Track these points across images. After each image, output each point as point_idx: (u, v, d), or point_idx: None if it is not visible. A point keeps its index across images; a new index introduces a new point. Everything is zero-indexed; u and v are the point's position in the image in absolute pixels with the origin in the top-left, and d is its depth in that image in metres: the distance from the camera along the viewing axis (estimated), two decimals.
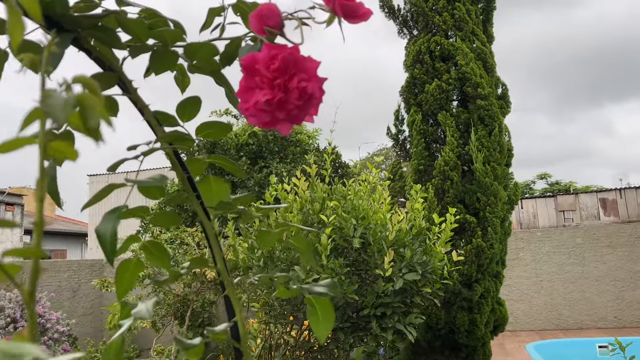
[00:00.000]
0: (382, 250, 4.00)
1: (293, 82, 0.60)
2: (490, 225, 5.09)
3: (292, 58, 0.61)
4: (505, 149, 5.44)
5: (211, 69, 0.85)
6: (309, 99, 0.61)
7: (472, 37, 5.74)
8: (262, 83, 0.62)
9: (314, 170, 4.40)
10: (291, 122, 0.63)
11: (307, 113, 0.63)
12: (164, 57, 0.86)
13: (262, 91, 0.62)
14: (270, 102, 0.60)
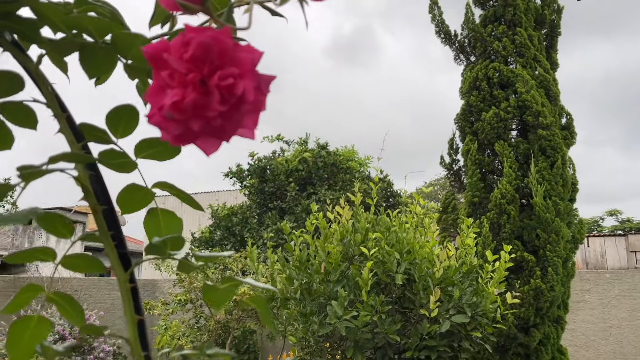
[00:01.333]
0: (428, 288, 3.69)
1: (214, 78, 0.40)
2: (551, 265, 4.64)
3: (214, 44, 0.40)
4: (569, 183, 5.00)
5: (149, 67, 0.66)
6: (237, 104, 0.40)
7: (533, 63, 5.38)
8: (172, 80, 0.41)
9: (359, 199, 4.16)
10: (215, 136, 0.42)
11: (238, 124, 0.42)
12: (93, 55, 0.68)
13: (172, 91, 0.41)
14: (179, 105, 0.39)
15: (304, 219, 6.88)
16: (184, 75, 0.40)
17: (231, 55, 0.40)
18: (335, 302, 3.60)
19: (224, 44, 0.40)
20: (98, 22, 0.62)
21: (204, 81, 0.40)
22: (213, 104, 0.39)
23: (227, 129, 0.41)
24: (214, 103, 0.39)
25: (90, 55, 0.68)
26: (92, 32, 0.64)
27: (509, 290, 4.15)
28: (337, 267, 3.81)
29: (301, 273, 3.97)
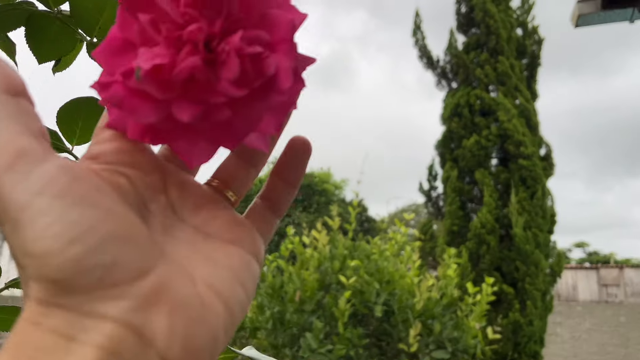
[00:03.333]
0: (407, 321, 3.51)
1: (232, 38, 0.21)
2: (530, 298, 4.55)
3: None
4: (548, 215, 4.95)
5: None
6: (263, 90, 0.22)
7: (515, 92, 5.37)
8: (155, 31, 0.22)
9: (337, 224, 3.99)
10: (210, 137, 0.24)
11: (253, 124, 0.23)
12: (45, 29, 0.49)
13: (152, 50, 0.22)
14: (164, 73, 0.21)
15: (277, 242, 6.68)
16: (179, 27, 0.22)
17: (261, 10, 0.23)
18: (310, 334, 3.39)
19: None
20: None
21: (210, 45, 0.22)
22: (223, 82, 0.21)
23: (234, 128, 0.23)
24: (225, 81, 0.21)
25: (41, 30, 0.49)
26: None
27: (488, 325, 4.02)
28: (313, 296, 3.61)
29: (274, 301, 3.75)
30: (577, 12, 2.56)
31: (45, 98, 0.54)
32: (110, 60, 0.23)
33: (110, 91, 0.22)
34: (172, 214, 0.25)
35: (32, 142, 0.21)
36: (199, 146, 0.24)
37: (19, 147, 0.20)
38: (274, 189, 0.29)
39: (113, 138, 0.24)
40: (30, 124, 0.21)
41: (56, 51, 0.51)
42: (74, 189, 0.20)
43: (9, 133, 0.20)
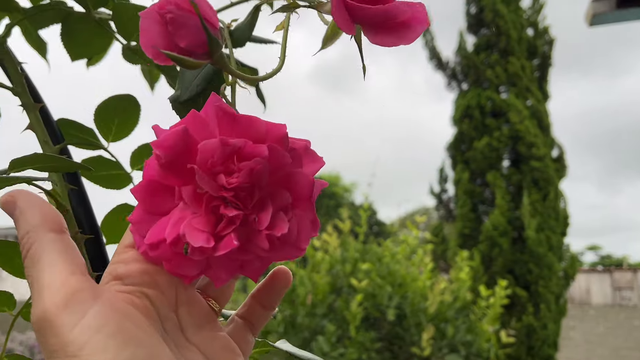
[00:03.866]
0: (420, 324, 3.49)
1: (264, 216, 0.26)
2: (544, 301, 4.51)
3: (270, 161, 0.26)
4: (561, 216, 4.91)
5: None
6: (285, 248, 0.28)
7: (526, 93, 5.34)
8: (199, 203, 0.26)
9: (348, 227, 3.98)
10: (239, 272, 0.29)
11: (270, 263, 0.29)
12: (81, 29, 0.49)
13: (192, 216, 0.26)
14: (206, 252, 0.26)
15: None
16: (217, 199, 0.26)
17: (286, 174, 0.27)
18: (322, 338, 3.38)
19: (280, 159, 0.26)
20: None
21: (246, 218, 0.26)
22: (255, 248, 0.27)
23: (261, 270, 0.29)
24: (256, 248, 0.27)
25: (77, 29, 0.49)
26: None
27: (502, 328, 3.99)
28: (325, 300, 3.60)
29: (285, 304, 3.75)
30: (592, 11, 2.54)
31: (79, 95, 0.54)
32: (148, 199, 0.26)
33: (159, 251, 0.26)
34: (180, 333, 0.28)
35: (83, 281, 0.24)
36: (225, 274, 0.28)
37: (73, 286, 0.23)
38: (253, 313, 0.33)
39: (137, 259, 0.27)
40: (77, 260, 0.25)
41: (90, 51, 0.51)
42: (124, 328, 0.23)
43: (61, 272, 0.24)
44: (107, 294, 0.25)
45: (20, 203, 0.26)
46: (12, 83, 0.45)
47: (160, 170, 0.26)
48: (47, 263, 0.24)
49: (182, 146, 0.25)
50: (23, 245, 0.25)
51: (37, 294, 0.24)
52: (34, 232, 0.25)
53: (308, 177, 0.27)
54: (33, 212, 0.25)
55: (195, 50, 0.29)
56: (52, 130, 0.46)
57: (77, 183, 0.44)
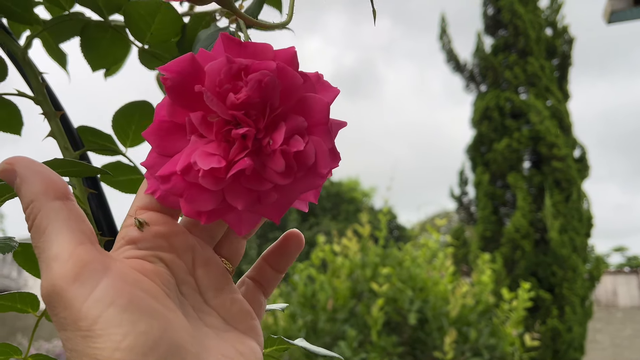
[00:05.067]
0: (442, 328, 3.46)
1: (276, 135, 0.25)
2: (569, 304, 4.43)
3: (279, 76, 0.25)
4: (584, 218, 4.83)
5: (172, 56, 0.49)
6: (305, 176, 0.26)
7: (546, 93, 5.27)
8: (206, 128, 0.26)
9: (367, 231, 3.97)
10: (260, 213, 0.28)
11: (295, 198, 0.27)
12: (99, 39, 0.51)
13: (204, 144, 0.25)
14: (221, 174, 0.24)
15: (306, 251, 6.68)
16: (228, 123, 0.25)
17: (299, 97, 0.25)
18: (343, 343, 3.37)
19: (290, 79, 0.25)
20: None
21: (257, 137, 0.25)
22: (271, 174, 0.25)
23: (280, 206, 0.27)
24: (272, 172, 0.25)
25: (95, 39, 0.51)
26: (98, 5, 0.47)
27: (526, 331, 3.93)
28: (345, 305, 3.59)
29: (306, 310, 3.75)
30: (609, 9, 2.51)
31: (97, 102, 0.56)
32: (160, 141, 0.26)
33: (170, 183, 0.25)
34: (199, 295, 0.27)
35: (91, 250, 0.23)
36: (247, 218, 0.27)
37: (82, 257, 0.22)
38: (263, 275, 0.32)
39: (150, 222, 0.26)
40: (84, 227, 0.24)
41: (109, 60, 0.52)
42: (137, 300, 0.22)
43: (69, 242, 0.23)
44: (118, 264, 0.24)
45: (20, 170, 0.24)
46: (33, 92, 0.46)
47: (169, 103, 0.25)
48: (53, 233, 0.23)
49: (189, 70, 0.25)
50: (28, 216, 0.24)
51: (46, 266, 0.23)
52: (37, 201, 0.24)
53: (323, 100, 0.26)
54: (35, 179, 0.24)
55: None
56: (72, 137, 0.47)
57: (96, 187, 0.46)
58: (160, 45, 0.50)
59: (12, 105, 0.49)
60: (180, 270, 0.26)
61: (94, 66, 0.53)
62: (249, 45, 0.25)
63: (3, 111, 0.49)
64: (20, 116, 0.50)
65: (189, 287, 0.27)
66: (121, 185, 0.52)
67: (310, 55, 22.72)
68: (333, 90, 0.27)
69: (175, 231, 0.27)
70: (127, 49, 0.53)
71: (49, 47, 0.58)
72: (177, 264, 0.26)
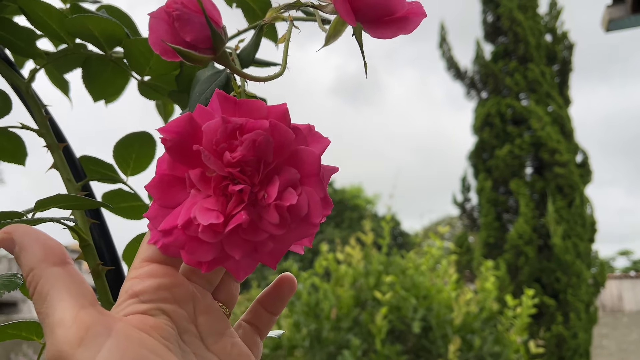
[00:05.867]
0: (446, 336, 3.46)
1: (271, 190, 0.27)
2: (573, 310, 4.42)
3: (272, 133, 0.27)
4: (588, 223, 4.82)
5: (172, 88, 0.51)
6: (299, 224, 0.28)
7: (547, 99, 5.28)
8: (207, 185, 0.27)
9: (370, 239, 3.98)
10: (257, 260, 0.29)
11: (290, 244, 0.29)
12: (100, 71, 0.52)
13: (203, 199, 0.27)
14: (219, 229, 0.26)
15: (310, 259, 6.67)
16: (225, 179, 0.26)
17: (292, 151, 0.27)
18: (347, 352, 3.37)
19: (283, 135, 0.26)
20: (108, 25, 0.47)
21: (253, 192, 0.26)
22: (266, 225, 0.26)
23: (277, 253, 0.29)
24: (267, 224, 0.26)
25: (96, 71, 0.52)
26: (99, 40, 0.49)
27: (530, 338, 3.92)
28: (349, 313, 3.59)
29: (310, 319, 3.75)
30: (608, 17, 2.52)
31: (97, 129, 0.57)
32: (161, 193, 0.27)
33: (172, 237, 0.26)
34: (200, 342, 0.28)
35: (93, 313, 0.24)
36: (245, 264, 0.28)
37: (85, 321, 0.23)
38: (259, 318, 0.33)
39: (153, 274, 0.27)
40: (85, 291, 0.25)
41: (110, 90, 0.54)
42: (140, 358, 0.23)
43: (72, 307, 0.24)
44: (120, 325, 0.24)
45: (18, 239, 0.25)
46: (37, 125, 0.48)
47: (169, 159, 0.27)
48: (55, 299, 0.24)
49: (187, 130, 0.26)
50: (29, 283, 0.25)
51: (50, 332, 0.23)
52: (38, 269, 0.24)
53: (314, 152, 0.27)
54: (33, 247, 0.25)
55: (200, 45, 0.31)
56: (74, 168, 0.49)
57: (98, 217, 0.47)
58: (159, 78, 0.51)
59: (16, 137, 0.51)
60: (182, 319, 0.27)
61: (95, 97, 0.55)
62: (243, 103, 0.27)
63: (8, 143, 0.51)
64: (24, 147, 0.52)
65: (191, 334, 0.28)
66: (123, 211, 0.54)
67: (313, 63, 22.79)
68: (324, 140, 0.29)
69: (177, 282, 0.28)
70: (126, 80, 0.55)
71: (51, 76, 0.60)
72: (179, 314, 0.27)
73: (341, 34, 0.35)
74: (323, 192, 0.27)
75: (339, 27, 0.34)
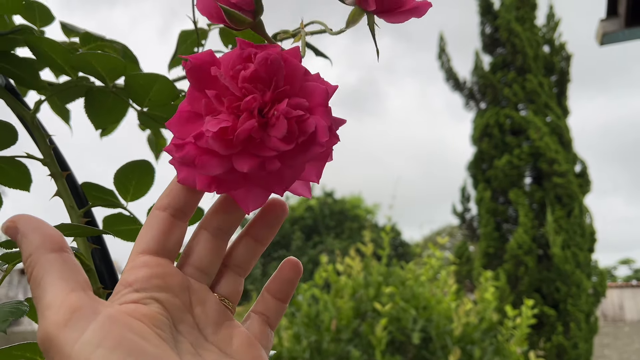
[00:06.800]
0: (446, 347, 3.46)
1: (280, 105, 0.28)
2: (573, 320, 4.42)
3: (283, 63, 0.28)
4: (587, 233, 4.83)
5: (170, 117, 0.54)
6: (306, 144, 0.28)
7: (545, 110, 5.32)
8: (219, 103, 0.28)
9: (370, 250, 3.99)
10: (263, 185, 0.30)
11: (299, 172, 0.30)
12: (102, 101, 0.55)
13: (217, 117, 0.28)
14: (228, 134, 0.27)
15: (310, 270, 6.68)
16: (238, 99, 0.28)
17: (301, 82, 0.29)
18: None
19: (293, 66, 0.28)
20: (109, 61, 0.49)
21: (263, 111, 0.28)
22: (274, 140, 0.27)
23: (283, 177, 0.29)
24: (274, 139, 0.27)
25: (98, 102, 0.55)
26: (101, 74, 0.52)
27: (531, 349, 3.92)
28: (349, 325, 3.60)
29: (310, 330, 3.75)
30: (601, 31, 2.56)
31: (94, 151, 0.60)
32: (180, 128, 0.29)
33: (183, 151, 0.28)
34: (198, 332, 0.28)
35: (82, 296, 0.24)
36: (253, 193, 0.30)
37: (72, 304, 0.24)
38: (267, 306, 0.33)
39: (146, 264, 0.28)
40: (77, 277, 0.25)
41: (110, 120, 0.57)
42: (126, 341, 0.23)
43: (61, 291, 0.24)
44: (109, 309, 0.25)
45: (21, 227, 0.26)
46: (42, 154, 0.51)
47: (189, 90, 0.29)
48: (48, 283, 0.24)
49: (208, 59, 0.28)
50: (26, 268, 0.25)
51: (40, 315, 0.24)
52: (35, 254, 0.25)
53: (322, 87, 0.28)
54: (34, 234, 0.26)
55: (244, 7, 0.34)
56: (77, 195, 0.52)
57: (100, 242, 0.50)
58: (157, 108, 0.54)
59: (22, 166, 0.53)
60: (177, 309, 0.28)
61: (96, 125, 0.57)
62: (263, 45, 0.29)
63: (14, 171, 0.53)
64: (29, 175, 0.54)
65: (187, 324, 0.28)
66: (122, 234, 0.57)
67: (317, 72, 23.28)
68: (332, 86, 0.30)
69: (170, 272, 0.28)
70: (126, 110, 0.58)
71: (53, 105, 0.63)
72: (174, 303, 0.27)
73: (358, 22, 0.39)
74: (330, 121, 0.28)
75: (356, 16, 0.38)
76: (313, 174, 0.31)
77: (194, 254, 0.30)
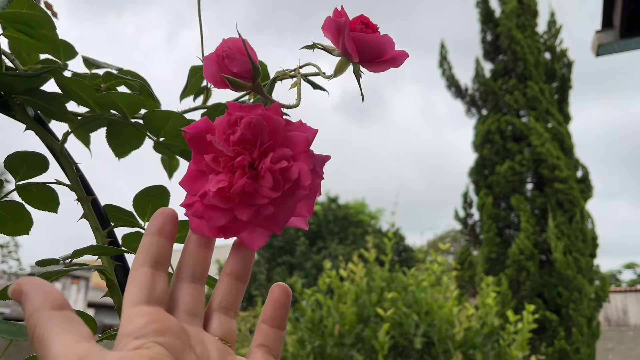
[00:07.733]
0: (448, 351, 3.50)
1: (266, 160, 0.33)
2: (575, 325, 4.45)
3: (266, 123, 0.34)
4: (589, 238, 4.87)
5: (183, 148, 0.60)
6: (292, 189, 0.34)
7: (546, 116, 5.36)
8: (217, 164, 0.34)
9: (373, 255, 4.04)
10: (264, 226, 0.35)
11: (291, 212, 0.35)
12: (122, 132, 0.62)
13: (217, 177, 0.34)
14: (225, 192, 0.33)
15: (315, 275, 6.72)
16: (231, 159, 0.33)
17: (283, 135, 0.34)
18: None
19: (275, 123, 0.34)
20: (130, 98, 0.56)
21: (254, 165, 0.33)
22: (264, 189, 0.33)
23: (278, 218, 0.35)
24: (265, 189, 0.33)
25: (118, 132, 0.62)
26: (122, 109, 0.58)
27: (532, 353, 3.95)
28: (352, 330, 3.65)
29: (314, 335, 3.80)
30: (597, 42, 2.61)
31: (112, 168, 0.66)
32: (190, 185, 0.35)
33: (193, 208, 0.34)
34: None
35: (88, 346, 0.25)
36: (256, 234, 0.35)
37: (80, 352, 0.25)
38: (265, 336, 0.34)
39: (141, 313, 0.29)
40: (80, 330, 0.26)
41: (129, 148, 0.64)
42: None
43: (67, 342, 0.25)
44: (115, 354, 0.26)
45: (25, 289, 0.27)
46: (69, 181, 0.57)
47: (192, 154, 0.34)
48: (51, 337, 0.25)
49: (203, 127, 0.34)
50: (29, 328, 0.26)
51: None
52: (36, 313, 0.26)
53: (303, 135, 0.33)
54: (35, 294, 0.26)
55: (243, 75, 0.40)
56: (101, 217, 0.58)
57: (121, 260, 0.56)
58: (172, 138, 0.61)
59: (51, 190, 0.60)
60: (179, 349, 0.28)
61: (117, 154, 0.64)
62: (245, 106, 0.34)
63: (44, 195, 0.60)
64: (57, 198, 0.61)
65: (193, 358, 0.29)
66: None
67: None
68: (313, 130, 0.35)
69: (165, 316, 0.29)
70: (143, 139, 0.64)
71: (77, 134, 0.70)
72: (175, 344, 0.28)
73: (344, 71, 0.45)
74: (312, 165, 0.33)
75: (343, 65, 0.44)
76: (305, 210, 0.36)
77: (179, 301, 0.32)
